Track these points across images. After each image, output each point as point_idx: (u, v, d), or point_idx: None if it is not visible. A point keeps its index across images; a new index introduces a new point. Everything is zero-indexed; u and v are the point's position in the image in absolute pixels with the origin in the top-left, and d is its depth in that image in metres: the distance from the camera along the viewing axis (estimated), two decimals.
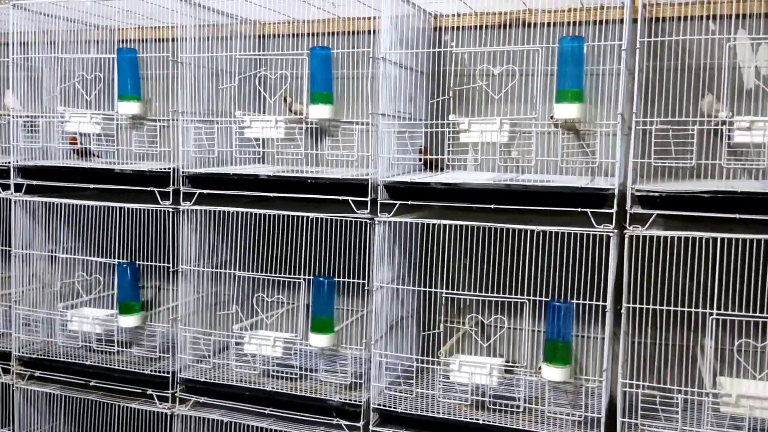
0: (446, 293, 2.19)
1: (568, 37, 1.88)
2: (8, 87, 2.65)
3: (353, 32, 2.52)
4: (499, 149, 2.01)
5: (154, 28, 2.83)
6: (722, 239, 1.83)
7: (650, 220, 1.87)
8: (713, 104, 2.00)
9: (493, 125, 1.98)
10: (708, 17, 2.04)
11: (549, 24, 2.39)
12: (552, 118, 1.97)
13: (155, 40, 2.86)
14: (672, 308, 1.98)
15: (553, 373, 1.96)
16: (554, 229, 1.96)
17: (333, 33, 2.59)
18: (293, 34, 2.69)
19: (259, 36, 2.71)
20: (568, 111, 1.89)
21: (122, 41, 2.89)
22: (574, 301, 1.99)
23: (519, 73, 2.25)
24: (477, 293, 2.22)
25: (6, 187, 2.64)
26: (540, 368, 2.01)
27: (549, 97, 2.11)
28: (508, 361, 2.18)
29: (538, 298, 2.10)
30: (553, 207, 1.96)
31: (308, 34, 2.63)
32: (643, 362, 2.12)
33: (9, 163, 2.61)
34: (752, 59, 2.04)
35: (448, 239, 2.32)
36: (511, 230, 2.07)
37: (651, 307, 1.96)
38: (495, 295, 2.16)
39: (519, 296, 2.09)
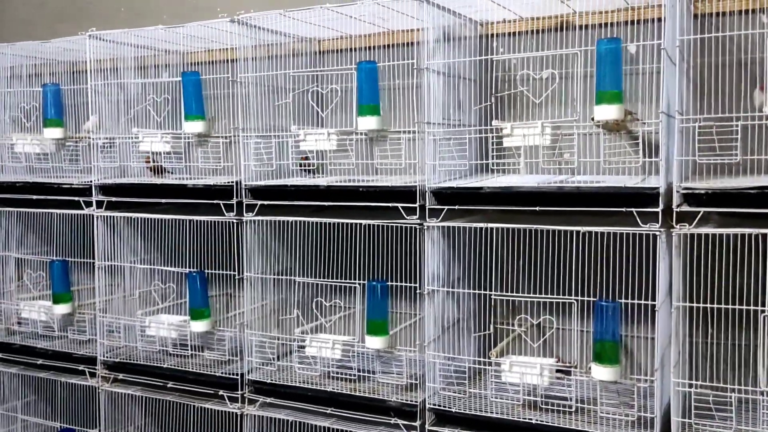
0: (496, 295, 2.23)
1: (605, 39, 1.90)
2: (92, 112, 2.87)
3: (402, 44, 2.61)
4: (542, 152, 2.04)
5: (216, 50, 3.01)
6: None
7: (697, 218, 1.86)
8: (760, 98, 1.97)
9: (535, 129, 2.01)
10: (754, 11, 2.00)
11: (591, 26, 2.40)
12: (593, 119, 1.98)
13: (217, 61, 3.04)
14: (723, 306, 1.95)
15: (603, 372, 1.97)
16: (600, 229, 1.98)
17: (383, 46, 2.68)
18: (346, 49, 2.80)
19: (315, 52, 2.84)
20: (608, 112, 1.90)
21: (188, 64, 3.08)
22: (623, 300, 1.99)
23: (559, 77, 2.28)
24: (526, 294, 2.25)
25: (89, 204, 2.87)
26: (590, 368, 2.02)
27: (590, 99, 2.12)
28: (558, 361, 2.19)
29: (586, 298, 2.11)
30: (599, 207, 1.97)
31: (360, 48, 2.74)
32: (697, 361, 2.09)
33: (91, 181, 2.83)
34: None
35: (498, 242, 2.36)
36: (558, 232, 2.09)
37: (702, 305, 1.94)
38: (544, 296, 2.18)
39: (567, 296, 2.10)
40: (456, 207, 2.19)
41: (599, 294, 2.14)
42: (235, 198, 2.55)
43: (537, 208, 2.04)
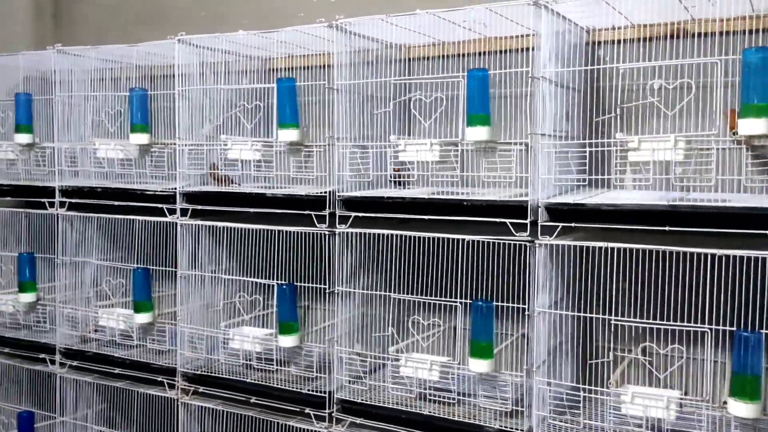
0: (616, 320, 2.09)
1: (752, 48, 1.75)
2: (209, 120, 2.81)
3: (502, 51, 2.49)
4: (674, 168, 1.89)
5: (306, 56, 2.93)
6: None
7: None
8: None
9: (666, 143, 1.87)
10: None
11: (706, 34, 2.26)
12: (734, 133, 1.84)
13: (305, 67, 2.96)
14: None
15: (742, 408, 1.82)
16: (736, 253, 1.83)
17: (479, 53, 2.56)
18: (440, 56, 2.70)
19: (408, 59, 2.74)
20: (755, 126, 1.75)
21: (274, 70, 3.01)
22: (764, 331, 1.84)
23: (679, 86, 2.14)
24: (650, 321, 2.10)
25: (172, 212, 2.80)
26: (725, 403, 1.87)
27: (703, 113, 1.98)
28: (686, 394, 2.04)
29: (720, 327, 1.95)
30: (726, 229, 1.82)
31: (456, 56, 2.63)
32: None
33: (175, 189, 2.77)
34: None
35: (609, 262, 2.22)
36: (684, 254, 1.94)
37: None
38: (671, 323, 2.03)
39: (700, 325, 1.95)
40: (572, 224, 2.06)
41: (735, 323, 1.97)
42: (327, 209, 2.46)
43: (659, 228, 1.91)
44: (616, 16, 2.29)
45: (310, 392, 2.54)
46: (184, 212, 2.79)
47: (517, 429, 2.17)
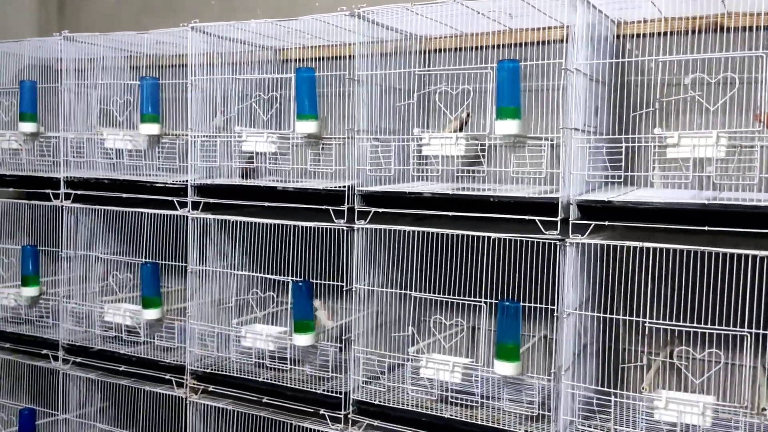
0: (650, 323, 2.02)
1: None
2: (221, 111, 2.72)
3: (526, 44, 2.41)
4: (715, 165, 1.82)
5: (321, 47, 2.84)
6: None
7: None
8: None
9: (708, 139, 1.80)
10: None
11: (747, 28, 2.20)
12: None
13: (319, 58, 2.88)
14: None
15: None
16: None
17: (501, 45, 2.49)
18: (461, 48, 2.62)
19: (428, 51, 2.66)
20: None
21: (288, 61, 2.92)
22: None
23: (721, 81, 2.07)
24: (687, 324, 2.03)
25: (183, 205, 2.72)
26: (764, 409, 1.80)
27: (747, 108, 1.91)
28: (721, 400, 1.97)
29: (755, 331, 1.88)
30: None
31: (478, 48, 2.55)
32: None
33: (186, 181, 2.68)
34: None
35: (640, 262, 2.15)
36: (724, 254, 1.87)
37: None
38: (709, 326, 1.95)
39: (739, 329, 1.88)
40: (606, 223, 1.98)
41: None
42: (346, 204, 2.38)
43: (693, 227, 1.84)
44: (647, 8, 2.22)
45: (325, 392, 2.46)
46: (195, 206, 2.70)
47: None
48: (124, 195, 2.87)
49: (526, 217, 2.09)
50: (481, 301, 2.22)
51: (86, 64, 3.05)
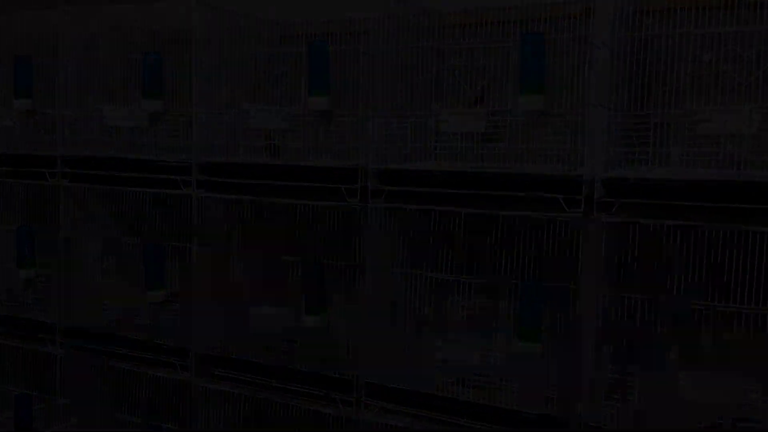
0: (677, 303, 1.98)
1: None
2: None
3: (540, 20, 2.34)
4: (747, 140, 1.78)
5: (329, 22, 2.76)
6: None
7: None
8: None
9: (739, 114, 1.76)
10: None
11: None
12: None
13: (328, 33, 2.79)
14: None
15: None
16: None
17: (514, 21, 2.42)
18: (473, 24, 2.55)
19: (442, 27, 2.59)
20: None
21: (298, 35, 2.83)
22: None
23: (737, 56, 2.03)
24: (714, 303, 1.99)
25: (187, 184, 2.63)
26: None
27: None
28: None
29: None
30: None
31: (493, 23, 2.48)
32: None
33: (191, 160, 2.60)
34: None
35: (660, 241, 2.11)
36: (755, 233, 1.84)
37: None
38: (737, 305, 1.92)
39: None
40: (632, 200, 1.94)
41: None
42: (359, 182, 2.31)
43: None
44: None
45: (336, 376, 2.40)
46: (200, 184, 2.62)
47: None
48: (124, 174, 2.77)
49: (548, 195, 2.04)
50: (501, 282, 2.17)
51: (85, 38, 2.93)
